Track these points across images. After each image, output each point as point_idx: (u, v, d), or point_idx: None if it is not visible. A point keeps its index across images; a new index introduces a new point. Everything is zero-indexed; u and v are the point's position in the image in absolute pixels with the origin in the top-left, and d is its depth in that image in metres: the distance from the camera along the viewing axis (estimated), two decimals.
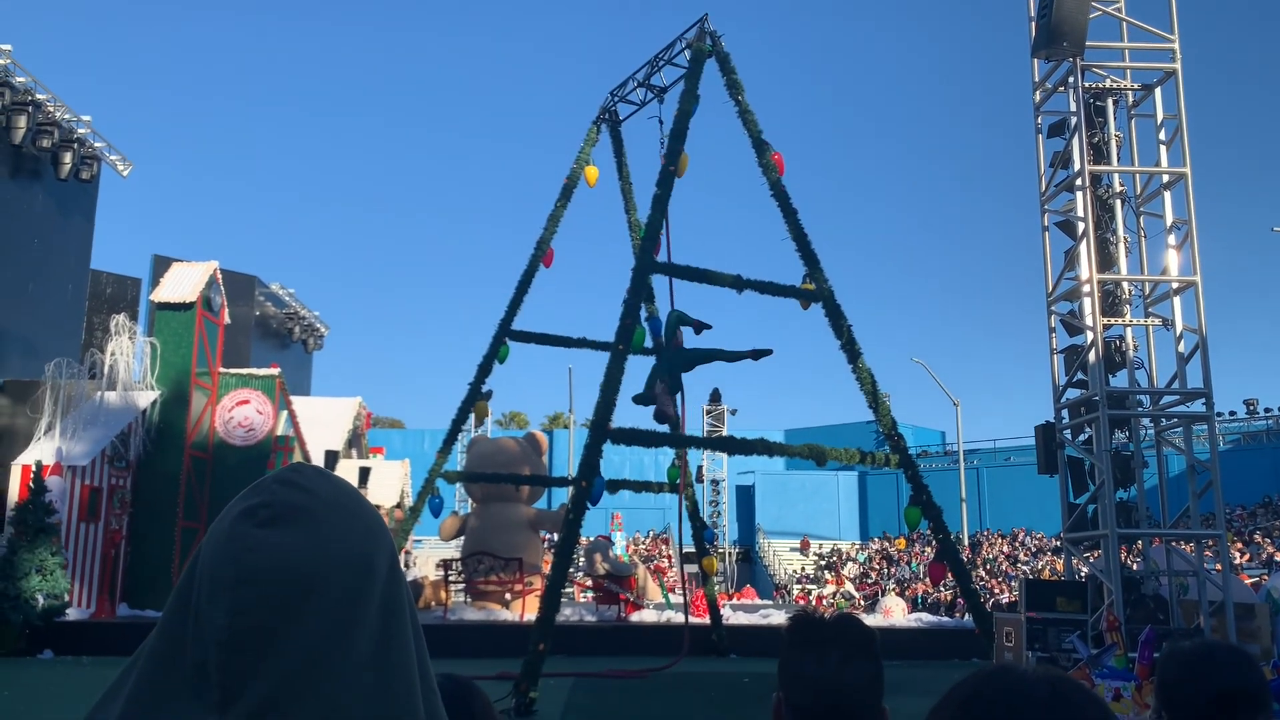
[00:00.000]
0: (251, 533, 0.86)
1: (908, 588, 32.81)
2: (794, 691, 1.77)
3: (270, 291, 36.22)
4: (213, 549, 0.88)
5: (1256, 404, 37.64)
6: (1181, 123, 13.22)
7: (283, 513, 0.88)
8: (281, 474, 0.92)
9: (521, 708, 9.90)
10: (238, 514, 0.88)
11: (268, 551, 0.85)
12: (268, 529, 0.86)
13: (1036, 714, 0.94)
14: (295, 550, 0.86)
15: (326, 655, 0.85)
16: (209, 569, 0.87)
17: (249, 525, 0.87)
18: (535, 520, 21.92)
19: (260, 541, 0.86)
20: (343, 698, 0.85)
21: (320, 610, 0.85)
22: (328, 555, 0.87)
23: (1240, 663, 2.13)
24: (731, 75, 14.99)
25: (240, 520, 0.88)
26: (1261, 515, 32.57)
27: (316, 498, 0.90)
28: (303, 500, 0.89)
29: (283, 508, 0.88)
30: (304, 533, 0.87)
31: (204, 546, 0.90)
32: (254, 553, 0.85)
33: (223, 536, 0.88)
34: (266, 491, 0.89)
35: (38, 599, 15.60)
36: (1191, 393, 12.89)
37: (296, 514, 0.88)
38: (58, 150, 24.15)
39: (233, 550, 0.86)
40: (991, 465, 42.46)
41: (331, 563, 0.87)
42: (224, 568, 0.85)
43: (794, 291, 14.52)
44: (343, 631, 0.86)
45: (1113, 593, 11.95)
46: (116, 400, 19.57)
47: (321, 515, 0.89)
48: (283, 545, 0.86)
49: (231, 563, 0.85)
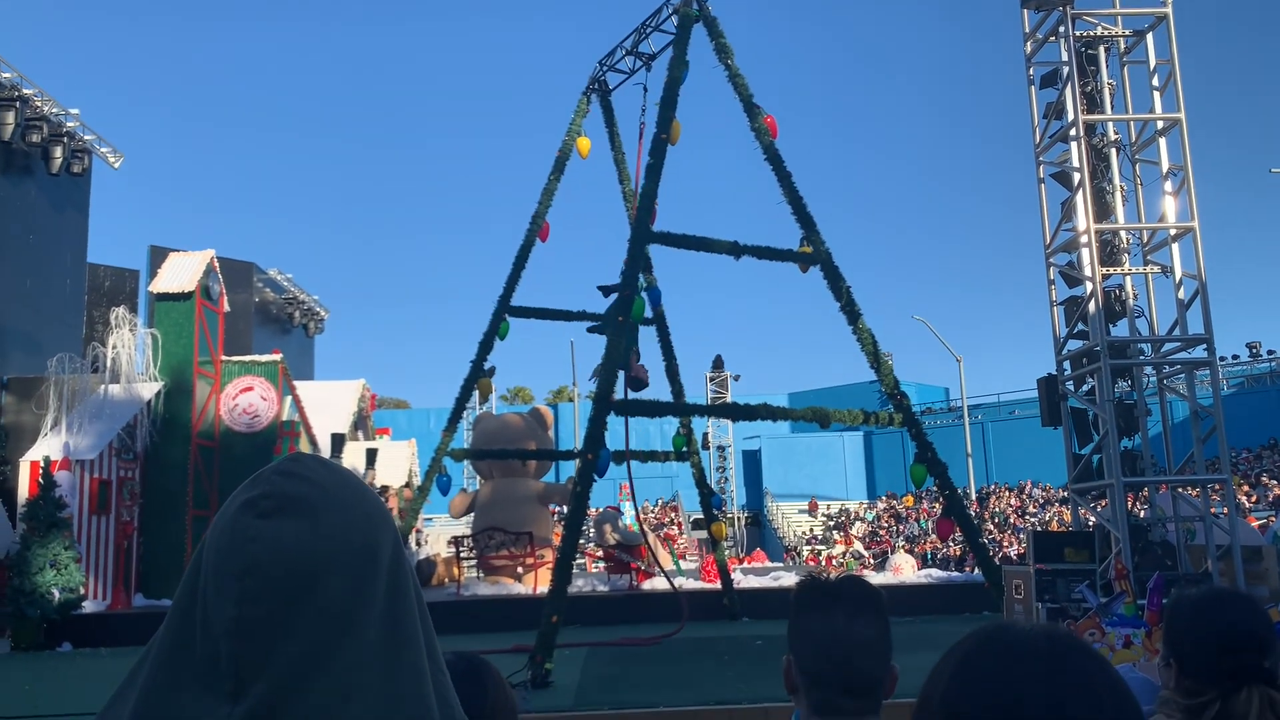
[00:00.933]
0: (254, 524, 0.87)
1: (917, 544, 32.97)
2: (802, 651, 1.80)
3: (268, 277, 36.17)
4: (216, 541, 0.89)
5: (1259, 347, 37.59)
6: (1174, 67, 13.13)
7: (284, 503, 0.89)
8: (281, 464, 0.93)
9: (538, 679, 9.99)
10: (239, 506, 0.90)
11: (271, 542, 0.86)
12: (270, 519, 0.88)
13: (1035, 668, 0.96)
14: (298, 539, 0.87)
15: (334, 642, 0.86)
16: (213, 561, 0.88)
17: (251, 516, 0.88)
18: (543, 494, 22.00)
19: (263, 532, 0.87)
20: (352, 683, 0.86)
21: (326, 598, 0.87)
22: (331, 543, 0.88)
23: (1246, 608, 2.16)
24: (720, 39, 14.87)
25: (242, 512, 0.89)
26: (1267, 457, 32.65)
27: (317, 487, 0.91)
28: (304, 490, 0.90)
29: (284, 498, 0.89)
30: (306, 522, 0.88)
31: (208, 539, 0.91)
32: (257, 543, 0.86)
33: (226, 529, 0.89)
34: (267, 482, 0.90)
35: (53, 593, 15.71)
36: (1193, 339, 12.89)
37: (298, 504, 0.89)
38: (48, 145, 24.04)
39: (236, 542, 0.87)
40: (996, 419, 42.51)
41: (335, 550, 0.88)
42: (228, 560, 0.87)
43: (792, 255, 14.49)
44: (349, 617, 0.87)
45: (1120, 541, 12.01)
46: (120, 393, 19.60)
47: (323, 504, 0.90)
48: (285, 535, 0.87)
49: (235, 555, 0.86)
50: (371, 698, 0.87)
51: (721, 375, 39.13)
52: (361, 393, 28.83)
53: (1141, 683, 2.43)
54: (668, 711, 8.36)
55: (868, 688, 1.75)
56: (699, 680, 9.99)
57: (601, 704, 8.78)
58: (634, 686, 9.76)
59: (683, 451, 18.21)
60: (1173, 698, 2.12)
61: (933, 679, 1.04)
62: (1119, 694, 0.96)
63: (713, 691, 9.11)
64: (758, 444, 44.18)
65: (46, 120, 23.94)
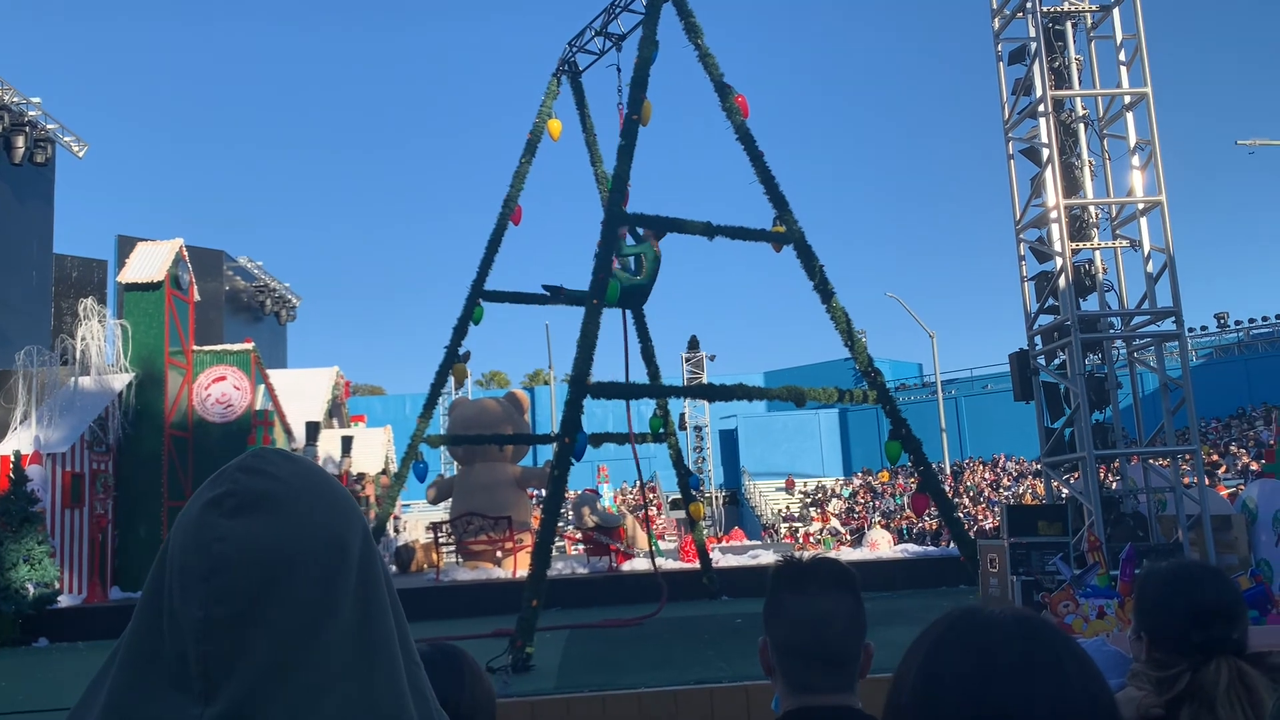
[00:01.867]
0: (219, 523, 0.86)
1: (893, 520, 33.24)
2: (777, 631, 1.82)
3: (239, 265, 35.86)
4: (181, 541, 0.88)
5: (1227, 317, 38.05)
6: (1141, 42, 13.20)
7: (249, 500, 0.87)
8: (244, 461, 0.92)
9: (519, 663, 10.01)
10: (203, 504, 0.88)
11: (237, 541, 0.85)
12: (235, 518, 0.86)
13: (1005, 651, 0.97)
14: (265, 537, 0.86)
15: (306, 639, 0.85)
16: (178, 561, 0.87)
17: (215, 515, 0.87)
18: (521, 478, 22.00)
19: (228, 531, 0.86)
20: (325, 680, 0.85)
21: (295, 595, 0.86)
22: (298, 539, 0.87)
23: (1215, 581, 2.20)
24: (689, 19, 14.80)
25: (206, 511, 0.87)
26: (1236, 426, 33.11)
27: (282, 482, 0.90)
28: (268, 486, 0.89)
29: (248, 495, 0.88)
30: (272, 519, 0.87)
31: (172, 537, 0.90)
32: (223, 543, 0.85)
33: (190, 528, 0.88)
34: (230, 480, 0.89)
35: (28, 588, 15.57)
36: (1161, 312, 13.01)
37: (263, 500, 0.88)
38: (9, 134, 23.70)
39: (201, 541, 0.86)
40: (970, 394, 42.86)
41: (303, 546, 0.87)
42: (194, 560, 0.85)
43: (765, 235, 14.49)
44: (320, 614, 0.87)
45: (1093, 513, 12.15)
46: (91, 385, 19.40)
47: (288, 499, 0.89)
48: (251, 533, 0.86)
49: (201, 555, 0.85)
50: (345, 695, 0.86)
51: (697, 356, 39.19)
52: (335, 380, 28.67)
53: (1112, 655, 2.46)
54: (648, 692, 8.40)
55: (842, 664, 1.78)
56: (680, 660, 10.04)
57: (582, 686, 8.81)
58: (615, 668, 9.80)
59: (660, 433, 18.25)
60: (1143, 670, 2.15)
61: (905, 662, 1.05)
62: (1086, 674, 0.97)
63: (693, 671, 9.17)
64: (734, 423, 44.36)
65: (7, 109, 23.58)
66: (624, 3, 15.88)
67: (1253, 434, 31.09)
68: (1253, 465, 27.08)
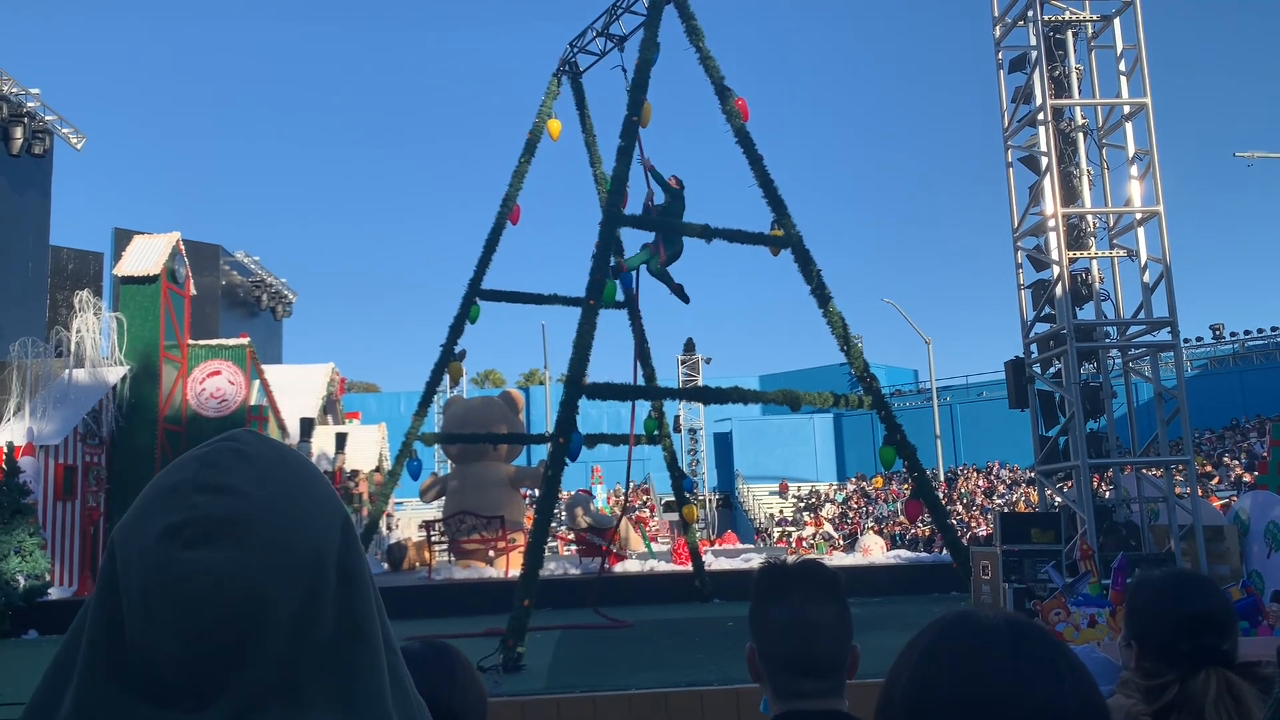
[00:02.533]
0: (181, 557, 0.79)
1: (886, 525, 33.24)
2: (763, 637, 1.81)
3: (235, 260, 35.82)
4: (139, 569, 0.80)
5: (1222, 329, 38.08)
6: (1141, 53, 13.23)
7: (210, 528, 0.80)
8: (198, 475, 0.83)
9: (510, 663, 9.99)
10: (160, 533, 0.80)
11: (204, 578, 0.78)
12: (197, 550, 0.79)
13: (997, 656, 0.97)
14: (233, 568, 0.79)
15: (289, 654, 0.83)
16: (139, 593, 0.80)
17: (177, 548, 0.79)
18: (515, 478, 21.96)
19: (194, 567, 0.78)
20: (311, 691, 0.84)
21: (275, 618, 0.81)
22: (270, 562, 0.81)
23: (1206, 591, 2.19)
24: (691, 21, 14.79)
25: (164, 542, 0.80)
26: (1229, 438, 33.14)
27: (244, 498, 0.82)
28: (230, 507, 0.81)
29: (209, 522, 0.80)
30: (238, 545, 0.80)
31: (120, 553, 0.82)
32: (190, 581, 0.78)
33: (149, 560, 0.80)
34: (188, 504, 0.81)
35: (18, 580, 15.53)
36: (1157, 322, 13.04)
37: (225, 525, 0.80)
38: (8, 125, 23.65)
39: (164, 580, 0.79)
40: (964, 401, 42.87)
41: (275, 569, 0.81)
42: (161, 597, 0.78)
43: (763, 239, 14.48)
44: (303, 627, 0.84)
45: (1085, 522, 12.16)
46: (85, 377, 19.37)
47: (254, 517, 0.82)
48: (218, 567, 0.79)
49: (168, 593, 0.78)
50: (330, 702, 0.84)
51: (693, 358, 39.16)
52: (331, 376, 28.64)
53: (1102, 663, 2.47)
54: (639, 694, 8.40)
55: (829, 669, 1.77)
56: (670, 662, 10.04)
57: (573, 687, 8.80)
58: (605, 669, 9.80)
59: (654, 435, 18.23)
60: (1133, 678, 2.16)
61: (897, 667, 1.05)
62: (1079, 679, 0.97)
63: (684, 673, 9.16)
64: (729, 426, 44.32)
65: (6, 100, 23.54)
66: (626, 4, 15.87)
67: (1246, 445, 31.13)
68: (1245, 477, 27.11)
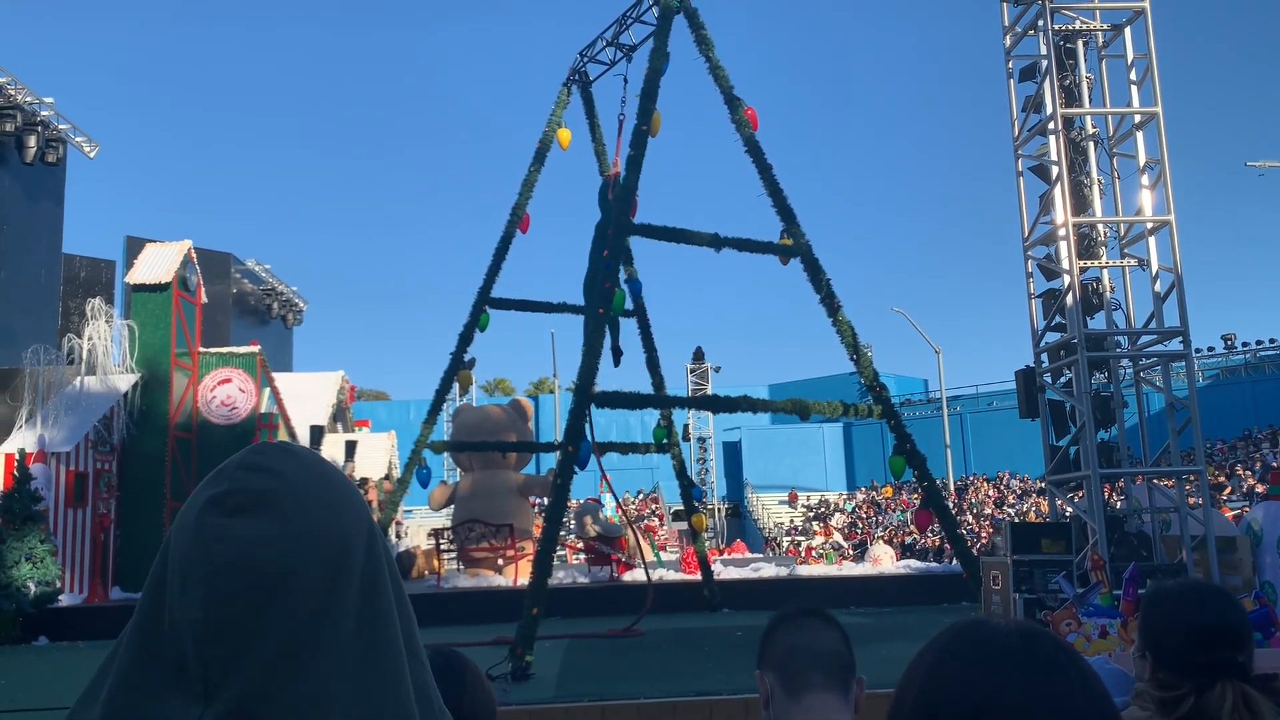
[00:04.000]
0: (219, 523, 0.84)
1: (896, 535, 33.12)
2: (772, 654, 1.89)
3: (246, 268, 35.95)
4: (181, 541, 0.86)
5: (1234, 338, 37.89)
6: (1152, 61, 13.20)
7: (249, 500, 0.85)
8: (245, 458, 0.89)
9: (518, 672, 9.98)
10: (203, 503, 0.86)
11: (237, 542, 0.83)
12: (235, 518, 0.84)
13: (1009, 664, 0.96)
14: (266, 538, 0.84)
15: (308, 640, 0.84)
16: (179, 562, 0.85)
17: (216, 515, 0.84)
18: (524, 486, 21.98)
19: (228, 531, 0.83)
20: (328, 680, 0.84)
21: (297, 598, 0.84)
22: (300, 541, 0.85)
23: (1222, 602, 2.17)
24: (700, 31, 14.84)
25: (206, 510, 0.85)
26: (1241, 448, 32.97)
27: (284, 480, 0.87)
28: (269, 485, 0.87)
29: (249, 495, 0.85)
30: (273, 519, 0.85)
31: (172, 537, 0.88)
32: (223, 543, 0.83)
33: (190, 528, 0.85)
34: (231, 478, 0.87)
35: (29, 587, 15.58)
36: (1169, 331, 12.98)
37: (264, 500, 0.86)
38: (21, 134, 23.79)
39: (201, 542, 0.84)
40: (974, 411, 42.74)
41: (304, 548, 0.85)
42: (194, 561, 0.83)
43: (772, 247, 14.50)
44: (322, 617, 0.85)
45: (1096, 532, 12.10)
46: (97, 385, 19.44)
47: (290, 498, 0.86)
48: (252, 534, 0.84)
49: (201, 555, 0.83)
50: (347, 701, 0.84)
51: (702, 367, 39.17)
52: (341, 384, 28.70)
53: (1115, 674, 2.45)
54: (648, 703, 8.38)
55: (838, 670, 1.81)
56: (680, 671, 10.02)
57: (582, 696, 8.79)
58: (615, 678, 9.78)
59: (663, 443, 18.23)
60: (1147, 690, 2.14)
61: (908, 675, 1.04)
62: (1092, 688, 0.96)
63: (693, 683, 9.14)
64: (738, 435, 44.27)
65: (20, 109, 23.69)
66: (636, 14, 15.92)
67: (1258, 456, 30.97)
68: (1258, 487, 26.97)
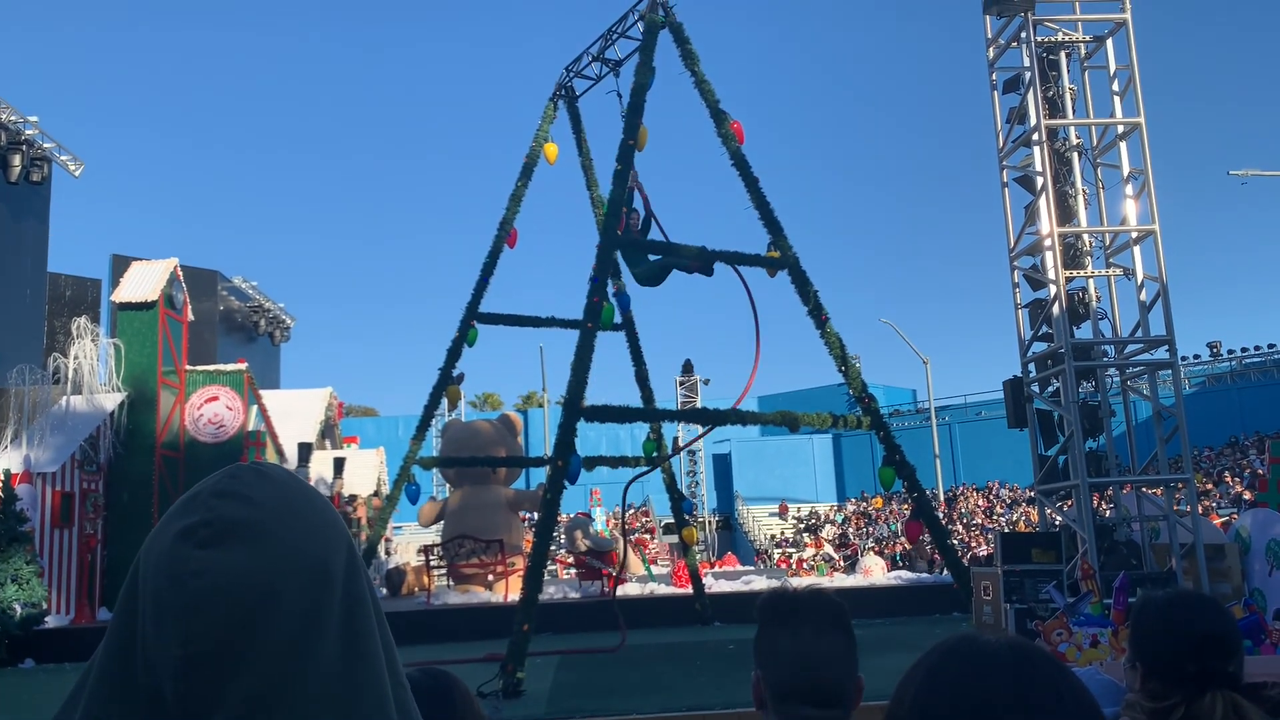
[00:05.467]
0: (193, 555, 0.82)
1: (886, 546, 33.14)
2: (770, 668, 1.80)
3: (233, 286, 35.84)
4: (154, 571, 0.84)
5: (1220, 346, 38.15)
6: (1134, 73, 13.31)
7: (224, 530, 0.83)
8: (218, 484, 0.87)
9: (510, 688, 9.94)
10: (176, 534, 0.84)
11: (213, 576, 0.81)
12: (210, 549, 0.82)
13: (1001, 679, 0.96)
14: (242, 570, 0.82)
15: (289, 672, 0.82)
16: (153, 594, 0.83)
17: (190, 547, 0.82)
18: (514, 501, 21.92)
19: (204, 565, 0.81)
20: (311, 706, 0.83)
21: (277, 628, 0.82)
22: (278, 569, 0.83)
23: (1212, 612, 2.17)
24: (686, 45, 14.90)
25: (180, 541, 0.83)
26: (1228, 455, 33.14)
27: (259, 507, 0.85)
28: (244, 513, 0.85)
29: (223, 524, 0.83)
30: (248, 548, 0.83)
31: (143, 564, 0.86)
32: (199, 578, 0.81)
33: (163, 559, 0.83)
34: (204, 507, 0.85)
35: (15, 608, 15.45)
36: (1155, 340, 13.05)
37: (239, 529, 0.84)
38: (6, 152, 23.72)
39: (177, 577, 0.81)
40: (963, 421, 42.88)
41: (283, 576, 0.83)
42: (169, 596, 0.81)
43: (759, 260, 14.52)
44: (304, 643, 0.83)
45: (1086, 541, 12.13)
46: (82, 404, 19.33)
47: (266, 526, 0.85)
48: (229, 566, 0.82)
49: (176, 591, 0.81)
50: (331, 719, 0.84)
51: (691, 380, 39.19)
52: (328, 401, 28.61)
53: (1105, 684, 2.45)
54: (639, 718, 8.35)
55: (835, 700, 1.76)
56: (671, 685, 9.98)
57: (574, 712, 8.76)
58: (606, 693, 9.74)
59: (653, 457, 18.20)
60: (1138, 700, 2.14)
61: (900, 690, 1.04)
62: (1083, 704, 0.96)
63: (685, 697, 9.11)
64: (728, 448, 44.28)
65: (4, 128, 23.62)
66: (622, 29, 15.97)
67: (1246, 463, 31.12)
68: (1246, 494, 27.09)
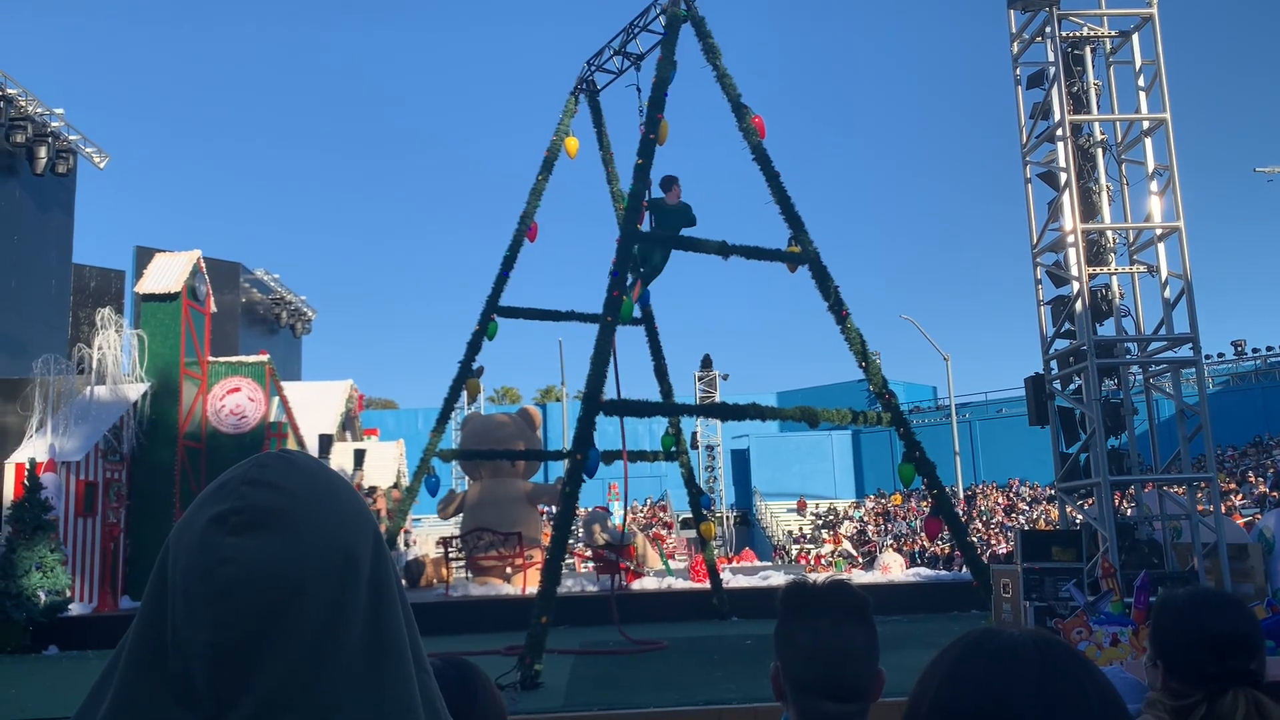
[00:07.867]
0: (224, 542, 0.83)
1: (905, 543, 33.03)
2: (789, 659, 1.79)
3: (255, 278, 36.05)
4: (184, 558, 0.85)
5: (1244, 345, 37.77)
6: (1160, 68, 13.18)
7: (254, 517, 0.84)
8: (248, 472, 0.88)
9: (528, 680, 9.98)
10: (207, 521, 0.85)
11: (243, 562, 0.82)
12: (240, 536, 0.83)
13: (1024, 674, 0.96)
14: (272, 557, 0.83)
15: (317, 659, 0.83)
16: (182, 581, 0.84)
17: (220, 534, 0.83)
18: (532, 494, 21.97)
19: (234, 551, 0.83)
20: (339, 692, 0.84)
21: (305, 613, 0.83)
22: (306, 557, 0.84)
23: (1233, 610, 2.16)
24: (708, 39, 14.84)
25: (210, 528, 0.84)
26: (1252, 455, 32.82)
27: (288, 495, 0.87)
28: (273, 500, 0.86)
29: (253, 512, 0.85)
30: (279, 536, 0.84)
31: (172, 550, 0.87)
32: (229, 564, 0.82)
33: (193, 545, 0.84)
34: (234, 495, 0.86)
35: (39, 596, 15.61)
36: (1178, 338, 12.94)
37: (268, 516, 0.85)
38: (32, 145, 23.93)
39: (206, 562, 0.83)
40: (984, 418, 42.63)
41: (311, 564, 0.85)
42: (199, 582, 0.82)
43: (780, 255, 14.47)
44: (331, 632, 0.84)
45: (1107, 540, 12.06)
46: (106, 394, 19.49)
47: (295, 514, 0.86)
48: (258, 553, 0.83)
49: (207, 577, 0.82)
50: (358, 712, 0.85)
51: (710, 375, 39.12)
52: (349, 393, 28.75)
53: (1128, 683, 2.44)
54: (656, 712, 8.36)
55: (856, 693, 1.75)
56: (688, 680, 9.99)
57: (590, 705, 8.77)
58: (623, 687, 9.76)
59: (671, 451, 18.19)
60: (1160, 698, 2.13)
61: (921, 685, 1.04)
62: (1107, 699, 0.96)
63: (701, 692, 9.11)
64: (746, 443, 44.21)
65: (31, 120, 23.82)
66: (643, 23, 15.93)
67: (1270, 462, 30.82)
68: (1270, 494, 26.84)
